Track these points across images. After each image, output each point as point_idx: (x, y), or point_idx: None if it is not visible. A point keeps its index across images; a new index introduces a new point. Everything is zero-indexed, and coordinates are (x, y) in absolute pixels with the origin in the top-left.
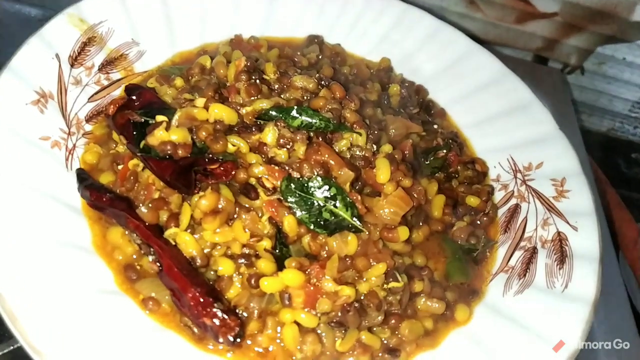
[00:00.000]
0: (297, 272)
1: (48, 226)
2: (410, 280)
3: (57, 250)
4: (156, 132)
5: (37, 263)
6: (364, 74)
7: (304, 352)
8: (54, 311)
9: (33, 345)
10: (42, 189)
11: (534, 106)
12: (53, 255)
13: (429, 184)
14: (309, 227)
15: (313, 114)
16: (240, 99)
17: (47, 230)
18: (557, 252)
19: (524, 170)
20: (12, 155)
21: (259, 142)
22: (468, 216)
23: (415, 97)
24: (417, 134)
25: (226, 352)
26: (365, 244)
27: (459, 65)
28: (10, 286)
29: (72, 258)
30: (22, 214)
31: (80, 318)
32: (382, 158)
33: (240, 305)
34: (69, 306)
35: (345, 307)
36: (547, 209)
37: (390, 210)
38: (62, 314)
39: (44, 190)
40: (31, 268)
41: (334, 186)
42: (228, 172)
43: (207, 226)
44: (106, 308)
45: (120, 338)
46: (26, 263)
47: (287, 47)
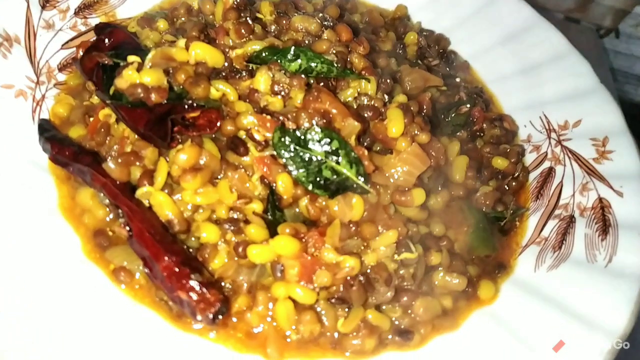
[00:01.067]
0: (291, 239)
1: (8, 185)
2: (426, 252)
3: (17, 211)
4: (125, 73)
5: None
6: (377, 22)
7: (300, 333)
8: (10, 282)
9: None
10: (3, 143)
11: (571, 57)
12: (12, 217)
13: (449, 143)
14: (306, 187)
15: (313, 56)
16: (230, 40)
17: (7, 190)
18: (598, 221)
19: (559, 129)
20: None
21: (250, 88)
22: (494, 180)
23: (434, 47)
24: (436, 88)
25: (208, 331)
26: (374, 209)
27: (484, 12)
28: None
29: (35, 221)
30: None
31: (40, 291)
32: (394, 108)
33: (226, 277)
34: (28, 277)
35: (349, 280)
36: (586, 172)
37: (404, 170)
38: (20, 286)
39: (5, 144)
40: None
41: (336, 139)
42: (213, 123)
43: (186, 185)
44: (71, 280)
45: (87, 314)
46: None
47: None
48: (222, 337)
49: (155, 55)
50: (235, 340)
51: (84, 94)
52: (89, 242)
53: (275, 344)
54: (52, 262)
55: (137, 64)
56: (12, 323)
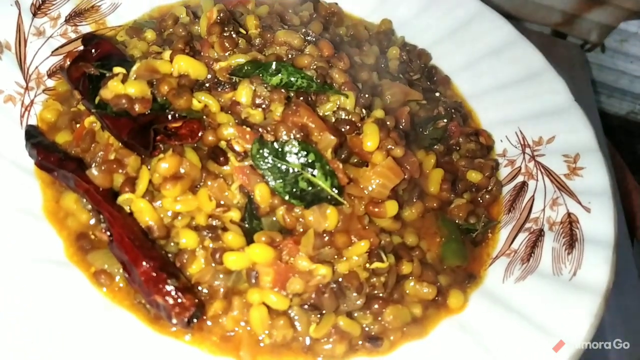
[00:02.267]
0: (266, 247)
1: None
2: (398, 261)
3: (2, 213)
4: (110, 84)
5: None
6: (361, 36)
7: (272, 337)
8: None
9: None
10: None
11: (547, 74)
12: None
13: (425, 156)
14: (283, 197)
15: (294, 71)
16: (215, 53)
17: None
18: (566, 235)
19: (533, 144)
20: None
21: (232, 101)
22: (468, 193)
23: (416, 62)
24: (416, 102)
25: (183, 334)
26: (348, 219)
27: (466, 28)
28: None
29: (19, 224)
30: None
31: (21, 291)
32: (370, 123)
33: (203, 282)
34: (9, 277)
35: (321, 288)
36: (557, 188)
37: (378, 182)
38: (1, 286)
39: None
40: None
41: (312, 152)
42: (194, 133)
43: (166, 193)
44: (53, 281)
45: (67, 316)
46: None
47: (277, 4)
48: (198, 340)
49: (139, 67)
50: (210, 344)
51: (72, 101)
52: (72, 245)
53: (248, 347)
54: (35, 264)
55: (122, 75)
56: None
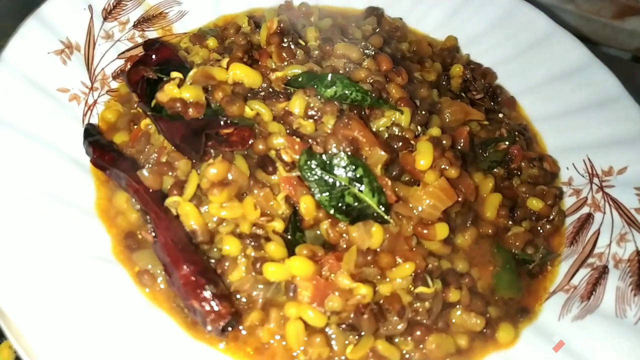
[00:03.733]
0: (306, 260)
1: (52, 182)
2: (445, 288)
3: (56, 207)
4: (166, 88)
5: (34, 218)
6: (424, 52)
7: (308, 355)
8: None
9: (6, 308)
10: (52, 142)
11: (623, 101)
12: (52, 213)
13: (483, 180)
14: (328, 211)
15: (349, 84)
16: (273, 63)
17: (50, 186)
18: (633, 274)
19: (602, 174)
20: (25, 104)
21: (285, 110)
22: (528, 221)
23: (480, 81)
24: (477, 122)
25: (218, 342)
26: (394, 239)
27: (536, 49)
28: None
29: (71, 219)
30: (27, 166)
31: (67, 285)
32: (424, 141)
33: (242, 291)
34: (58, 270)
35: (360, 308)
36: (626, 222)
37: (429, 203)
38: (49, 279)
39: (53, 143)
40: (25, 223)
41: (361, 166)
42: (245, 141)
43: (213, 198)
44: (97, 277)
45: (107, 312)
46: (21, 218)
47: (341, 17)
48: (232, 349)
49: (196, 73)
50: (243, 354)
51: (132, 102)
52: (120, 243)
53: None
54: (82, 259)
55: (179, 79)
56: (38, 307)
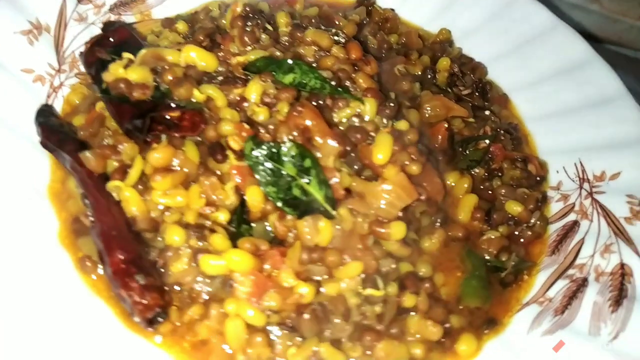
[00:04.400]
0: (246, 254)
1: (5, 162)
2: (401, 292)
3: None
4: (112, 68)
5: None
6: (413, 44)
7: (246, 355)
8: None
9: None
10: (9, 121)
11: (622, 101)
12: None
13: (459, 179)
14: (275, 203)
15: (308, 70)
16: (236, 48)
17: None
18: (614, 289)
19: (593, 180)
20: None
21: (241, 97)
22: (505, 226)
23: (470, 76)
24: (462, 119)
25: (154, 335)
26: (347, 237)
27: (535, 44)
28: None
29: (23, 199)
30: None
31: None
32: (384, 133)
33: (183, 284)
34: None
35: (300, 308)
36: (613, 232)
37: (387, 200)
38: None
39: (10, 123)
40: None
41: (309, 157)
42: (196, 126)
43: (155, 185)
44: (40, 260)
45: (45, 297)
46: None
47: (327, 6)
48: (168, 343)
49: (145, 54)
50: (179, 349)
51: None
52: (67, 227)
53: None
54: (28, 241)
55: (127, 60)
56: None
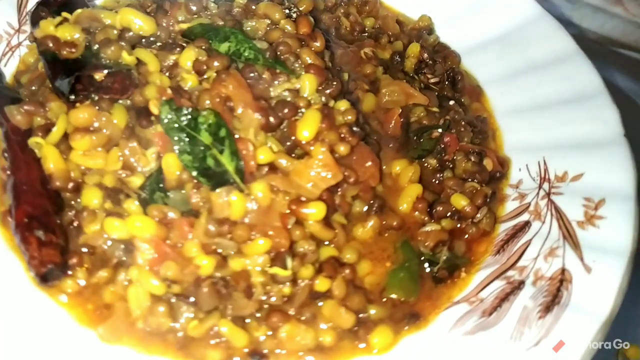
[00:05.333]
0: (149, 220)
1: None
2: (316, 275)
3: None
4: (42, 24)
5: None
6: (389, 29)
7: (147, 323)
8: None
9: None
10: None
11: (599, 100)
12: None
13: (406, 168)
14: (191, 172)
15: (243, 40)
16: (182, 16)
17: None
18: (548, 294)
19: (554, 180)
20: None
21: (174, 62)
22: (449, 220)
23: (440, 64)
24: (424, 108)
25: (59, 293)
26: (264, 213)
27: (516, 34)
28: None
29: None
30: None
31: None
32: (313, 110)
33: (96, 246)
34: None
35: (199, 280)
36: (562, 235)
37: (310, 179)
38: None
39: None
40: None
41: (224, 127)
42: (126, 89)
43: (74, 144)
44: None
45: None
46: None
47: None
48: (72, 304)
49: (81, 13)
50: (82, 311)
51: None
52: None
53: (113, 325)
54: None
55: (62, 19)
56: None
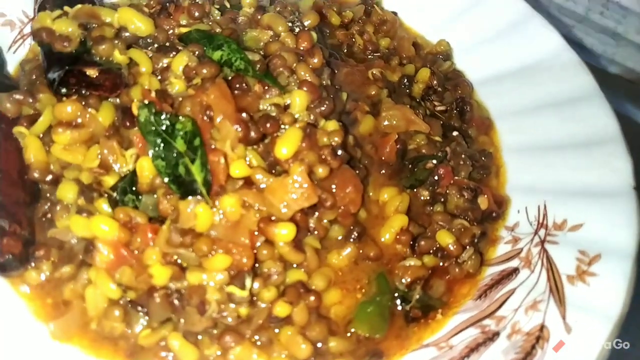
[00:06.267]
0: (112, 222)
1: None
2: (277, 299)
3: None
4: (40, 16)
5: None
6: (405, 51)
7: (100, 325)
8: None
9: None
10: None
11: (613, 146)
12: None
13: (394, 197)
14: (162, 178)
15: (236, 50)
16: (185, 20)
17: None
18: (521, 351)
19: (552, 227)
20: None
21: (166, 66)
22: (431, 257)
23: (450, 92)
24: (425, 136)
25: (20, 284)
26: (232, 228)
27: (536, 68)
28: None
29: None
30: None
31: None
32: (294, 127)
33: (64, 241)
34: None
35: (152, 289)
36: (549, 288)
37: (282, 198)
38: None
39: None
40: None
41: (199, 137)
42: (116, 87)
43: (55, 137)
44: None
45: None
46: None
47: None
48: (32, 295)
49: (80, 9)
50: (40, 304)
51: None
52: None
53: (65, 323)
54: None
55: (59, 12)
56: None
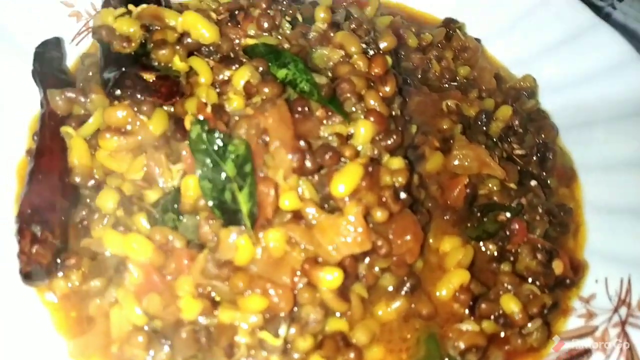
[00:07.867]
0: (147, 243)
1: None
2: (313, 350)
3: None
4: (102, 13)
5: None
6: (485, 82)
7: (121, 350)
8: None
9: None
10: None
11: None
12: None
13: (457, 248)
14: (207, 200)
15: (303, 70)
16: (253, 30)
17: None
18: None
19: (636, 307)
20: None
21: (228, 78)
22: (492, 323)
23: (532, 135)
24: (499, 182)
25: (46, 292)
26: (273, 265)
27: (635, 118)
28: None
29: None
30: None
31: None
32: (354, 163)
33: (95, 252)
34: None
35: (180, 323)
36: None
37: (332, 240)
38: None
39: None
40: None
41: (250, 162)
42: (171, 95)
43: (102, 143)
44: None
45: None
46: None
47: (406, 18)
48: (58, 306)
49: (144, 9)
50: (64, 315)
51: None
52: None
53: (86, 342)
54: None
55: (122, 11)
56: None
